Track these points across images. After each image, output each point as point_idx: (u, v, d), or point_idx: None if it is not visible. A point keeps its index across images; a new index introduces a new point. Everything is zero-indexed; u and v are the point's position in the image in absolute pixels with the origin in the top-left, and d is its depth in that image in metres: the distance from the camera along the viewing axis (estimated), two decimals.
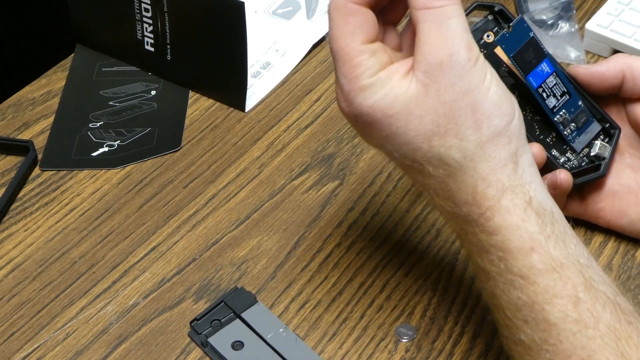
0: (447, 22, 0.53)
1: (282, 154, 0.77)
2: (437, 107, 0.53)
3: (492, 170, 0.53)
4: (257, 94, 0.83)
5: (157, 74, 0.85)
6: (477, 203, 0.53)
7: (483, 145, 0.53)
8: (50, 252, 0.69)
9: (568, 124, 0.65)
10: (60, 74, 0.85)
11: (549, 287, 0.51)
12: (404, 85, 0.53)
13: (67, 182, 0.74)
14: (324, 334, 0.63)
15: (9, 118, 0.80)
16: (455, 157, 0.53)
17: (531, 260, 0.52)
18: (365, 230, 0.70)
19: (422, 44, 0.53)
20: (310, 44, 0.87)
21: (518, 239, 0.52)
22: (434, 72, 0.52)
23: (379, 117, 0.53)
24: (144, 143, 0.78)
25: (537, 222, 0.52)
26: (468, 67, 0.52)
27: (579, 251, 0.53)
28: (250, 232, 0.70)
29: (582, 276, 0.51)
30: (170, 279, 0.67)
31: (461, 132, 0.53)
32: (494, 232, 0.53)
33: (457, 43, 0.52)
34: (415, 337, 0.62)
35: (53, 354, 0.62)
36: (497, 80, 0.54)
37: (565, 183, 0.63)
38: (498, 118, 0.53)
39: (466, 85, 0.52)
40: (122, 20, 0.84)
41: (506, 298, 0.53)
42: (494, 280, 0.53)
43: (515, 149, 0.54)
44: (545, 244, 0.52)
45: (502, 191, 0.53)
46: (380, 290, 0.65)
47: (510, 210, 0.52)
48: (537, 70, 0.63)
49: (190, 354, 0.62)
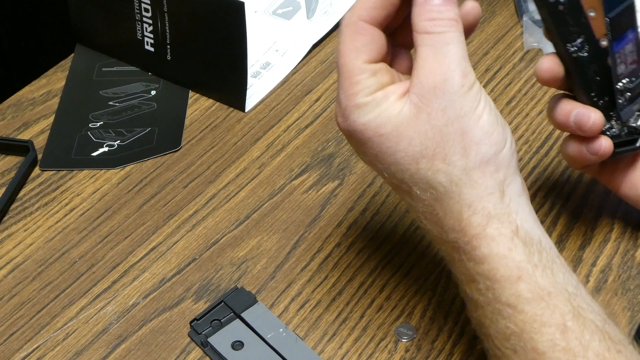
0: (445, 48, 0.53)
1: (282, 154, 0.77)
2: (427, 131, 0.53)
3: (477, 197, 0.53)
4: (257, 94, 0.83)
5: (157, 74, 0.85)
6: (462, 230, 0.53)
7: (469, 172, 0.53)
8: (50, 252, 0.69)
9: (625, 92, 0.63)
10: (60, 74, 0.85)
11: (537, 315, 0.51)
12: (398, 107, 0.54)
13: (67, 182, 0.74)
14: (324, 333, 0.63)
15: (9, 118, 0.81)
16: (441, 181, 0.53)
17: (518, 289, 0.52)
18: (365, 230, 0.70)
19: (419, 68, 0.54)
20: (310, 44, 0.87)
21: (505, 268, 0.52)
22: (427, 96, 0.53)
23: (371, 135, 0.54)
24: (143, 143, 0.78)
25: (524, 251, 0.52)
26: (461, 93, 0.53)
27: (567, 280, 0.53)
28: (250, 232, 0.70)
29: (570, 304, 0.51)
30: (170, 279, 0.67)
31: (448, 156, 0.53)
32: (481, 260, 0.53)
33: (453, 69, 0.53)
34: (415, 337, 0.62)
35: (53, 354, 0.62)
36: (490, 108, 0.54)
37: (606, 152, 0.63)
38: (487, 146, 0.53)
39: (457, 111, 0.53)
40: (122, 20, 0.84)
41: (495, 327, 0.52)
42: (482, 309, 0.53)
43: (503, 177, 0.54)
44: (532, 272, 0.52)
45: (488, 219, 0.53)
46: (380, 290, 0.65)
47: (496, 239, 0.52)
48: (622, 36, 0.61)
49: (190, 354, 0.62)
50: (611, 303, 0.63)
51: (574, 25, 0.60)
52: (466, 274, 0.54)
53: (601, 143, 0.63)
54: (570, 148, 0.64)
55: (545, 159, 0.74)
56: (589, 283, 0.65)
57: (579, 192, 0.71)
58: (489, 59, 0.85)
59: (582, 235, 0.68)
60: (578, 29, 0.59)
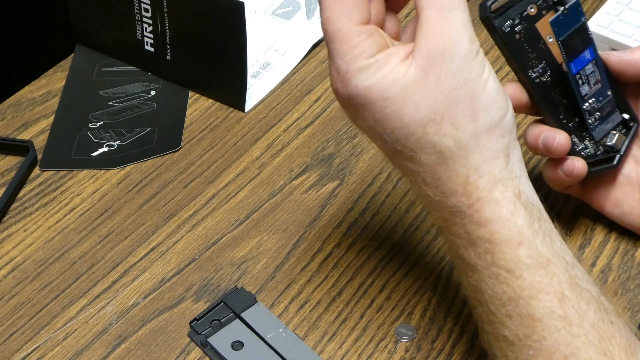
0: (452, 12, 0.53)
1: (282, 154, 0.77)
2: (435, 94, 0.52)
3: (484, 161, 0.53)
4: (257, 94, 0.83)
5: (157, 74, 0.85)
6: (467, 193, 0.53)
7: (478, 136, 0.53)
8: (50, 252, 0.69)
9: (594, 112, 0.64)
10: (60, 74, 0.85)
11: (535, 282, 0.51)
12: (402, 69, 0.53)
13: (66, 182, 0.74)
14: (324, 334, 0.63)
15: (9, 118, 0.81)
16: (448, 145, 0.53)
17: (518, 255, 0.52)
18: (365, 230, 0.70)
19: (426, 30, 0.53)
20: (310, 44, 0.87)
21: (506, 232, 0.52)
22: (435, 59, 0.52)
23: (375, 99, 0.53)
24: (143, 143, 0.78)
25: (525, 216, 0.53)
26: (470, 59, 0.52)
27: (564, 249, 0.53)
28: (250, 232, 0.70)
29: (567, 274, 0.52)
30: (170, 279, 0.67)
31: (457, 120, 0.52)
32: (483, 224, 0.53)
33: (461, 33, 0.52)
34: (415, 337, 0.62)
35: (53, 354, 0.62)
36: (494, 75, 0.54)
37: (580, 172, 0.63)
38: (494, 111, 0.53)
39: (466, 75, 0.52)
40: (122, 20, 0.84)
41: (491, 292, 0.52)
42: (479, 273, 0.53)
43: (507, 142, 0.54)
44: (532, 239, 0.52)
45: (494, 183, 0.53)
46: (380, 290, 0.65)
47: (500, 202, 0.52)
48: (580, 57, 0.62)
49: (190, 354, 0.62)
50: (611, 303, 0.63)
51: (533, 52, 0.60)
52: (464, 238, 0.54)
53: (574, 164, 0.63)
54: (548, 171, 0.65)
55: (545, 158, 0.74)
56: None
57: None
58: (489, 59, 0.84)
59: (582, 235, 0.68)
60: (537, 55, 0.59)
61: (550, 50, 0.61)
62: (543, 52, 0.61)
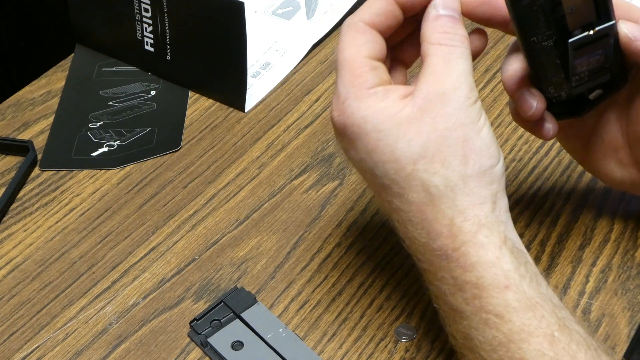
0: (456, 61, 0.55)
1: (282, 154, 0.77)
2: (429, 133, 0.54)
3: (470, 205, 0.53)
4: (257, 94, 0.83)
5: (156, 74, 0.85)
6: (452, 236, 0.53)
7: (466, 179, 0.53)
8: (50, 252, 0.69)
9: (584, 77, 0.61)
10: (60, 74, 0.85)
11: (525, 325, 0.51)
12: (400, 106, 0.54)
13: (66, 182, 0.75)
14: (324, 334, 0.63)
15: (9, 118, 0.81)
16: (437, 184, 0.53)
17: (506, 298, 0.52)
18: (365, 230, 0.70)
19: (428, 75, 0.55)
20: (310, 44, 0.87)
21: (493, 277, 0.52)
22: (434, 101, 0.54)
23: (369, 130, 0.54)
24: (143, 143, 0.78)
25: (512, 260, 0.53)
26: (467, 105, 0.54)
27: (550, 293, 0.53)
28: (250, 232, 0.70)
29: (556, 316, 0.51)
30: (170, 279, 0.67)
31: (448, 160, 0.53)
32: (469, 268, 0.53)
33: (462, 81, 0.54)
34: (415, 337, 0.62)
35: (53, 354, 0.62)
36: (489, 125, 0.55)
37: (538, 114, 0.61)
38: (485, 158, 0.54)
39: (462, 120, 0.54)
40: (122, 20, 0.84)
41: (481, 338, 0.52)
42: (468, 320, 0.53)
43: (495, 190, 0.54)
44: (519, 282, 0.52)
45: (479, 227, 0.53)
46: (380, 290, 0.65)
47: (486, 246, 0.53)
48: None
49: (190, 354, 0.62)
50: (611, 303, 0.63)
51: (546, 21, 0.58)
52: (450, 283, 0.54)
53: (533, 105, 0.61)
54: (510, 103, 0.63)
55: (545, 159, 0.74)
56: (588, 283, 0.65)
57: (579, 192, 0.71)
58: (489, 59, 0.85)
59: (582, 235, 0.68)
60: (549, 24, 0.58)
61: (566, 20, 0.58)
62: (557, 21, 0.58)
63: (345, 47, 0.56)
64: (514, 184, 0.72)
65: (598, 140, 0.65)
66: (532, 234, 0.68)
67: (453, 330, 0.55)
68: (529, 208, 0.70)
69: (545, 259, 0.66)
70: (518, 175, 0.73)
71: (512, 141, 0.76)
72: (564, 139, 0.67)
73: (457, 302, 0.54)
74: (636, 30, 0.58)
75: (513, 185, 0.72)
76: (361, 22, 0.57)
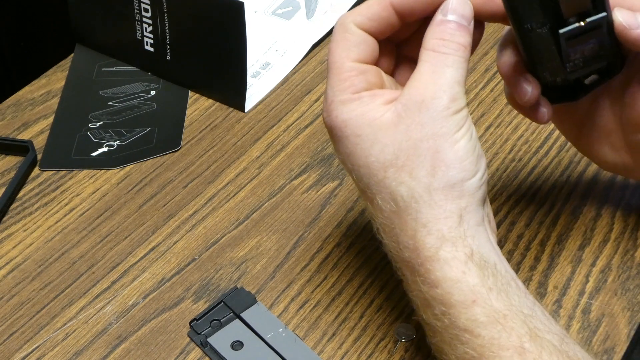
0: (443, 69, 0.54)
1: (282, 154, 0.77)
2: (401, 141, 0.54)
3: (434, 218, 0.53)
4: (257, 94, 0.83)
5: (156, 74, 0.85)
6: (416, 250, 0.53)
7: (432, 192, 0.53)
8: (50, 252, 0.69)
9: (579, 64, 0.60)
10: (60, 74, 0.85)
11: (494, 339, 0.51)
12: (381, 111, 0.54)
13: (66, 182, 0.75)
14: (324, 333, 0.63)
15: (9, 118, 0.81)
16: (402, 193, 0.53)
17: (474, 314, 0.51)
18: (365, 230, 0.70)
19: (414, 80, 0.55)
20: (310, 44, 0.87)
21: (459, 292, 0.52)
22: (412, 109, 0.54)
23: (348, 134, 0.55)
24: (143, 143, 0.78)
25: (478, 274, 0.52)
26: (444, 115, 0.53)
27: (522, 302, 0.52)
28: (250, 232, 0.70)
29: (526, 326, 0.51)
30: (169, 279, 0.67)
31: (415, 171, 0.53)
32: (434, 284, 0.52)
33: (444, 90, 0.54)
34: (415, 337, 0.62)
35: (53, 354, 0.62)
36: (470, 136, 0.54)
37: (532, 100, 0.60)
38: (456, 170, 0.53)
39: (435, 130, 0.53)
40: (122, 20, 0.84)
41: (454, 353, 0.52)
42: (440, 335, 0.53)
43: (464, 205, 0.53)
44: (487, 296, 0.52)
45: (441, 242, 0.53)
46: (379, 290, 0.65)
47: (450, 262, 0.52)
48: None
49: (189, 354, 0.62)
50: (611, 303, 0.63)
51: (540, 7, 0.57)
52: (421, 298, 0.54)
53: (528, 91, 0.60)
54: (505, 88, 0.63)
55: (545, 159, 0.74)
56: (588, 283, 0.65)
57: (579, 192, 0.71)
58: (489, 59, 0.85)
59: (581, 235, 0.68)
60: (544, 11, 0.57)
61: (560, 7, 0.58)
62: (551, 8, 0.58)
63: (334, 49, 0.56)
64: (514, 184, 0.73)
65: (592, 124, 0.64)
66: (532, 234, 0.68)
67: (430, 343, 0.55)
68: (529, 208, 0.70)
69: (545, 259, 0.66)
70: (518, 175, 0.73)
71: (512, 141, 0.76)
72: (559, 122, 0.67)
73: (428, 318, 0.54)
74: (631, 19, 0.58)
75: (513, 185, 0.72)
76: (352, 24, 0.56)
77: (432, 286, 0.53)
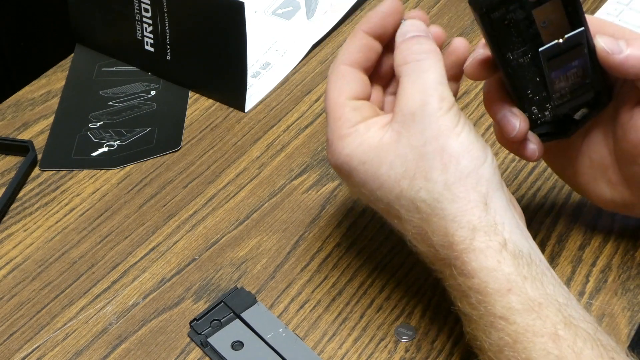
0: (422, 76, 0.56)
1: (282, 154, 0.77)
2: (407, 153, 0.55)
3: (460, 211, 0.54)
4: (257, 94, 0.83)
5: (157, 74, 0.85)
6: (451, 246, 0.54)
7: (450, 187, 0.54)
8: (50, 252, 0.69)
9: (565, 95, 0.60)
10: (60, 74, 0.85)
11: (529, 326, 0.51)
12: (379, 135, 0.56)
13: (66, 182, 0.75)
14: (324, 334, 0.63)
15: (9, 118, 0.81)
16: (424, 198, 0.55)
17: (509, 301, 0.52)
18: (365, 230, 0.70)
19: (400, 97, 0.56)
20: (310, 44, 0.87)
21: (495, 281, 0.53)
22: (407, 122, 0.55)
23: (355, 164, 0.57)
24: (143, 143, 0.78)
25: (513, 263, 0.53)
26: (438, 115, 0.55)
27: (557, 291, 0.53)
28: (250, 232, 0.70)
29: (561, 314, 0.52)
30: (170, 279, 0.67)
31: (429, 173, 0.54)
32: (471, 274, 0.53)
33: (430, 94, 0.55)
34: (415, 337, 0.62)
35: (53, 354, 0.62)
36: (469, 127, 0.56)
37: (521, 135, 0.60)
38: (467, 160, 0.54)
39: (435, 131, 0.55)
40: (122, 20, 0.84)
41: (488, 340, 0.53)
42: (475, 323, 0.54)
43: (485, 190, 0.54)
44: (522, 284, 0.52)
45: (473, 232, 0.53)
46: (380, 290, 0.65)
47: (485, 252, 0.53)
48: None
49: (190, 354, 0.62)
50: (611, 303, 0.63)
51: (519, 36, 0.58)
52: (458, 290, 0.55)
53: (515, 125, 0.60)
54: (494, 126, 0.63)
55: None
56: (588, 283, 0.65)
57: None
58: None
59: (582, 235, 0.68)
60: (523, 39, 0.58)
61: (539, 34, 0.58)
62: (530, 36, 0.58)
63: (328, 93, 0.59)
64: (514, 184, 0.73)
65: (586, 160, 0.64)
66: (532, 234, 0.67)
67: (466, 332, 0.56)
68: (529, 208, 0.70)
69: (545, 258, 0.66)
70: (518, 175, 0.73)
71: None
72: (551, 160, 0.67)
73: (464, 307, 0.55)
74: (613, 44, 0.58)
75: (513, 185, 0.72)
76: (342, 65, 0.59)
77: (469, 276, 0.53)
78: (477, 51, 0.60)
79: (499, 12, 0.57)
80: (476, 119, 0.79)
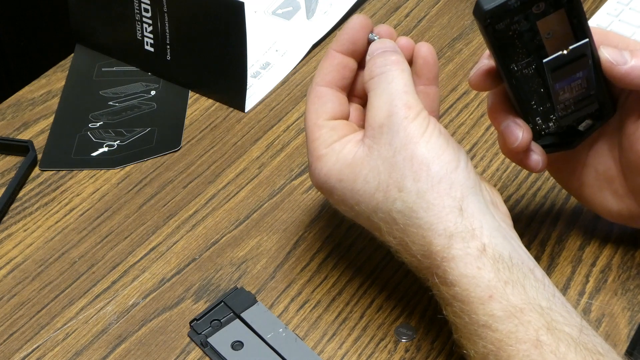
0: (388, 87, 0.57)
1: (282, 154, 0.77)
2: (378, 165, 0.56)
3: (436, 218, 0.54)
4: (257, 94, 0.83)
5: (157, 74, 0.85)
6: (431, 255, 0.54)
7: (424, 194, 0.54)
8: (50, 252, 0.69)
9: (569, 106, 0.61)
10: (60, 74, 0.85)
11: (511, 333, 0.51)
12: (352, 151, 0.57)
13: (66, 182, 0.75)
14: (324, 334, 0.63)
15: (9, 118, 0.81)
16: (399, 209, 0.55)
17: (492, 309, 0.52)
18: (365, 230, 0.69)
19: (369, 111, 0.58)
20: (310, 44, 0.87)
21: (475, 289, 0.53)
22: (377, 134, 0.56)
23: (333, 183, 0.58)
24: (143, 143, 0.78)
25: (493, 268, 0.53)
26: (405, 124, 0.55)
27: (540, 294, 0.53)
28: (250, 232, 0.70)
29: (543, 319, 0.51)
30: (170, 279, 0.67)
31: (401, 184, 0.55)
32: (452, 283, 0.53)
33: (395, 104, 0.56)
34: (415, 337, 0.62)
35: (53, 354, 0.62)
36: (439, 132, 0.56)
37: (524, 145, 0.60)
38: (437, 166, 0.55)
39: (402, 140, 0.55)
40: (122, 20, 0.84)
41: (474, 348, 0.53)
42: (460, 331, 0.54)
43: (460, 195, 0.54)
44: (503, 290, 0.52)
45: (450, 239, 0.53)
46: (380, 290, 0.65)
47: (464, 259, 0.53)
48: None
49: (190, 354, 0.62)
50: (611, 303, 0.63)
51: (523, 47, 0.58)
52: (443, 298, 0.55)
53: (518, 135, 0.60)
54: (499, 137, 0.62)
55: None
56: (588, 283, 0.65)
57: None
58: None
59: (582, 235, 0.68)
60: (527, 50, 0.58)
61: (544, 45, 0.59)
62: (535, 47, 0.59)
63: (306, 114, 0.60)
64: (514, 183, 0.73)
65: (591, 172, 0.64)
66: (532, 234, 0.68)
67: (454, 339, 0.56)
68: (529, 208, 0.70)
69: (545, 259, 0.66)
70: (518, 175, 0.73)
71: None
72: (556, 172, 0.66)
73: (449, 315, 0.55)
74: (617, 55, 0.58)
75: (513, 185, 0.72)
76: (318, 86, 0.60)
77: (450, 285, 0.53)
78: (481, 62, 0.60)
79: (504, 23, 0.57)
80: (476, 119, 0.79)
